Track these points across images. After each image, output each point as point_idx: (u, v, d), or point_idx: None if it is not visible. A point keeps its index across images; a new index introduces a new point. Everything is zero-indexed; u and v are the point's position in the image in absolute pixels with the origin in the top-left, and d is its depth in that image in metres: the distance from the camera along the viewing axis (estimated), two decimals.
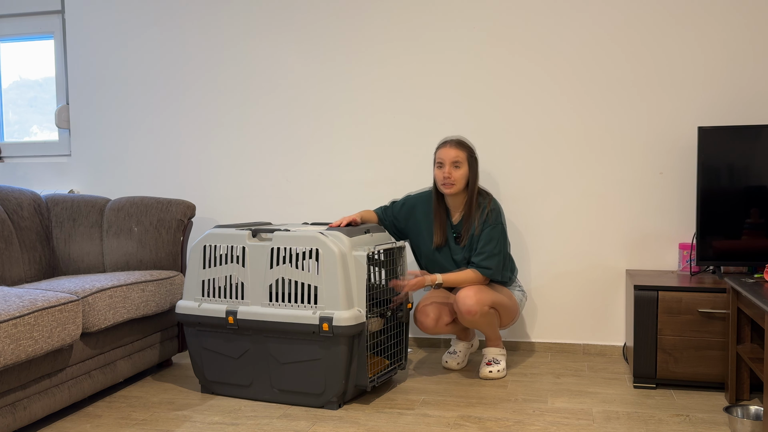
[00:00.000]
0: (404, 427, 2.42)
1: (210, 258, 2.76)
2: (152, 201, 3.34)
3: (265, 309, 2.64)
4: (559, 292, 3.41)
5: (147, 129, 3.86)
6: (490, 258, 2.90)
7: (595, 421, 2.45)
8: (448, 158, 2.92)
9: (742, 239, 2.95)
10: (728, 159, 2.95)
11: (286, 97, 3.67)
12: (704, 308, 2.75)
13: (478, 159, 3.03)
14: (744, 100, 3.18)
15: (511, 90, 3.41)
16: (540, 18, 3.35)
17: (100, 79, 3.91)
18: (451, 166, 2.92)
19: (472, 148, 2.99)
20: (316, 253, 2.58)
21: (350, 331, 2.53)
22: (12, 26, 4.06)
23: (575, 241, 3.37)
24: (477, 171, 2.98)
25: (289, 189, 3.69)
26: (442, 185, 2.94)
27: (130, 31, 3.85)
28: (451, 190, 2.93)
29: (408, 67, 3.51)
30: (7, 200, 3.15)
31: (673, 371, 2.79)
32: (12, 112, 4.19)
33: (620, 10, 3.27)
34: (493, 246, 2.91)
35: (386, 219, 3.13)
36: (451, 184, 2.92)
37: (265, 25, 3.67)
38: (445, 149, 2.95)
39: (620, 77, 3.29)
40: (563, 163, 3.37)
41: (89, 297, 2.57)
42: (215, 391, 2.81)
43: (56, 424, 2.49)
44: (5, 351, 2.11)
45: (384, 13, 3.52)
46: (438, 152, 2.97)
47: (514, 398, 2.72)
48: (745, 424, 2.28)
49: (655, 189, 3.28)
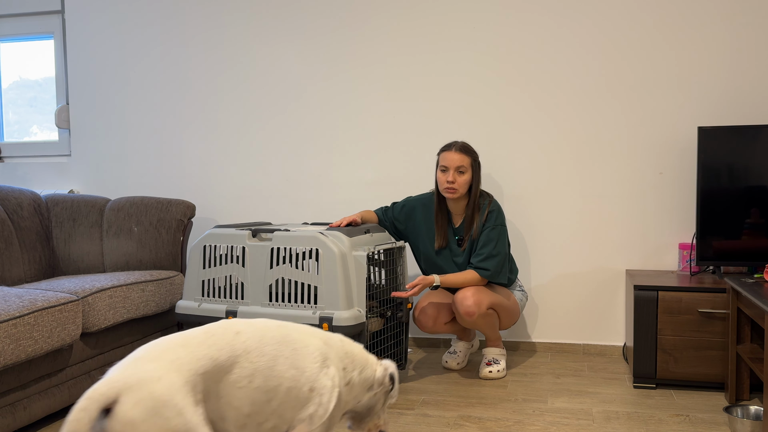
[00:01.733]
0: (404, 427, 2.42)
1: (210, 258, 2.76)
2: (152, 201, 3.34)
3: (265, 309, 2.64)
4: (559, 292, 3.41)
5: (147, 129, 3.86)
6: (488, 259, 2.89)
7: (595, 421, 2.45)
8: (452, 164, 2.90)
9: (742, 239, 2.95)
10: (728, 159, 2.95)
11: (286, 97, 3.67)
12: (704, 308, 2.75)
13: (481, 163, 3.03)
14: (744, 100, 3.18)
15: (512, 90, 3.41)
16: (541, 19, 3.35)
17: (100, 79, 3.91)
18: (456, 171, 2.90)
19: (476, 153, 2.98)
20: (316, 253, 2.58)
21: (350, 331, 2.53)
22: (12, 26, 4.06)
23: (575, 241, 3.37)
24: (480, 176, 2.97)
25: (289, 189, 3.69)
26: (445, 190, 2.92)
27: (130, 31, 3.85)
28: (453, 196, 2.92)
29: (409, 67, 3.51)
30: (7, 200, 3.15)
31: (673, 371, 2.79)
32: (12, 112, 4.19)
33: (620, 11, 3.27)
34: (491, 247, 2.90)
35: (386, 220, 3.12)
36: (454, 190, 2.90)
37: (265, 24, 3.67)
38: (449, 154, 2.91)
39: (620, 77, 3.29)
40: (563, 163, 3.37)
41: (89, 297, 2.57)
42: None
43: (56, 425, 2.49)
44: (5, 351, 2.11)
45: (385, 14, 3.52)
46: (441, 156, 2.95)
47: (514, 398, 2.72)
48: (745, 424, 2.28)
49: (655, 189, 3.28)
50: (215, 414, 1.39)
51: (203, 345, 1.37)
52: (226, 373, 1.38)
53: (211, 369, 1.35)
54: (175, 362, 1.29)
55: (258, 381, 1.42)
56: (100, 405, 1.17)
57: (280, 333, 1.50)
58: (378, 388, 1.73)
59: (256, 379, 1.42)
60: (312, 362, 1.50)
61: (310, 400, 1.48)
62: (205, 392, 1.34)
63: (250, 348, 1.43)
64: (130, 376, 1.22)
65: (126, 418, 1.17)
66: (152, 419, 1.17)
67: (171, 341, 1.36)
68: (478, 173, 2.96)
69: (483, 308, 2.83)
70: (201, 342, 1.38)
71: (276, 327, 1.52)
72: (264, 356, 1.44)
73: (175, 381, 1.24)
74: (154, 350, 1.32)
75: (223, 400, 1.38)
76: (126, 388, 1.20)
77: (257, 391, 1.42)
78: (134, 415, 1.17)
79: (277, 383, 1.45)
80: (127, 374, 1.22)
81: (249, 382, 1.41)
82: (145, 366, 1.25)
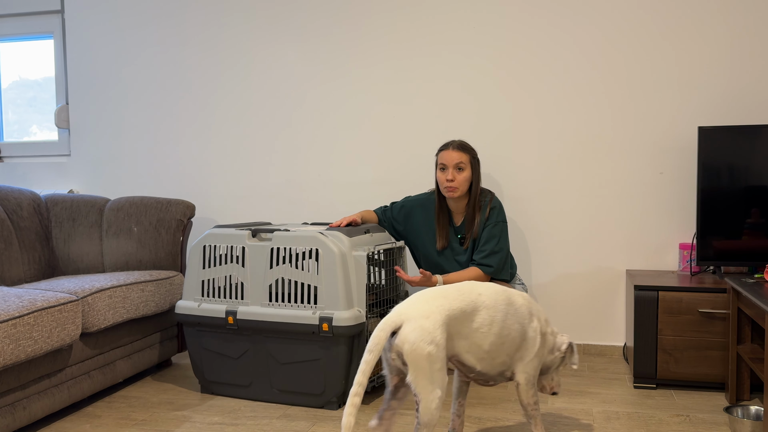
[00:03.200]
0: (404, 427, 2.41)
1: (210, 258, 2.76)
2: (152, 201, 3.34)
3: (265, 309, 2.64)
4: (559, 292, 3.41)
5: (146, 129, 3.86)
6: (491, 256, 2.89)
7: (595, 422, 2.45)
8: (450, 161, 2.89)
9: (742, 239, 2.95)
10: (728, 159, 2.95)
11: (285, 97, 3.67)
12: (704, 308, 2.75)
13: (480, 161, 3.02)
14: (744, 100, 3.18)
15: (513, 90, 3.40)
16: (541, 18, 3.35)
17: (99, 79, 3.90)
18: (454, 169, 2.89)
19: (474, 150, 2.98)
20: (315, 253, 2.58)
21: (350, 331, 2.52)
22: (12, 26, 4.06)
23: (575, 241, 3.37)
24: (479, 173, 2.97)
25: (289, 189, 3.69)
26: (445, 188, 2.91)
27: (130, 31, 3.85)
28: (454, 194, 2.91)
29: (409, 67, 3.51)
30: (6, 200, 3.15)
31: (673, 371, 2.79)
32: (12, 112, 4.19)
33: (621, 11, 3.27)
34: (494, 244, 2.90)
35: (385, 220, 3.12)
36: (454, 188, 2.89)
37: (265, 25, 3.67)
38: (447, 152, 2.91)
39: (620, 77, 3.29)
40: (564, 163, 3.37)
41: (89, 297, 2.57)
42: (215, 391, 2.81)
43: (56, 425, 2.49)
44: (5, 351, 2.11)
45: (385, 13, 3.52)
46: (440, 155, 2.95)
47: (514, 398, 2.72)
48: (745, 424, 2.27)
49: (655, 189, 3.28)
50: (462, 348, 1.93)
51: (456, 299, 1.92)
52: (471, 321, 1.94)
53: (460, 316, 1.90)
54: (439, 307, 1.86)
55: (495, 329, 1.97)
56: (391, 328, 1.82)
57: (506, 296, 2.04)
58: (556, 353, 2.17)
59: (493, 327, 1.97)
60: (526, 317, 2.06)
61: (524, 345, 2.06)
62: (455, 332, 1.90)
63: (488, 305, 1.98)
64: (410, 312, 1.84)
65: (404, 338, 1.80)
66: (419, 342, 1.79)
67: (435, 292, 1.92)
68: (478, 170, 2.96)
69: None
70: (455, 297, 1.93)
71: (502, 291, 2.04)
72: (498, 312, 1.99)
73: (437, 320, 1.83)
74: (426, 296, 1.90)
75: (469, 339, 1.94)
76: (407, 319, 1.83)
77: (494, 336, 1.97)
78: (409, 337, 1.80)
79: (507, 332, 2.00)
80: (408, 310, 1.84)
81: (488, 329, 1.96)
82: (421, 306, 1.86)
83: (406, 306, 1.87)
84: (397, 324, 1.82)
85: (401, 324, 1.83)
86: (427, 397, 1.80)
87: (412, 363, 1.79)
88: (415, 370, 1.79)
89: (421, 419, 1.81)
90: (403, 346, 1.80)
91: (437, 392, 1.81)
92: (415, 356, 1.79)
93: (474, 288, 1.99)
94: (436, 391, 1.80)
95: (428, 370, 1.80)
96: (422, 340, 1.79)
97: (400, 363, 1.84)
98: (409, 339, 1.79)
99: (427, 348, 1.80)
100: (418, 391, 1.80)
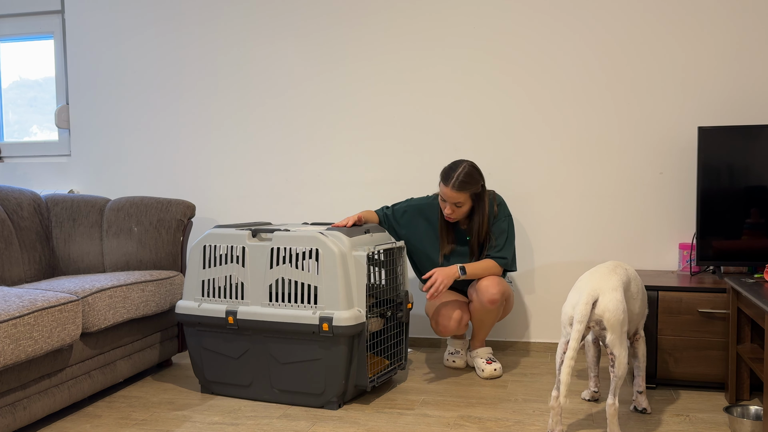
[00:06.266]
0: (404, 427, 2.42)
1: (210, 258, 2.76)
2: (152, 201, 3.34)
3: (265, 309, 2.64)
4: (559, 292, 3.41)
5: (147, 129, 3.86)
6: (505, 248, 2.97)
7: (595, 421, 2.45)
8: (449, 199, 2.90)
9: (742, 239, 2.95)
10: (728, 159, 2.95)
11: (285, 97, 3.67)
12: (704, 308, 2.75)
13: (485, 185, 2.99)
14: (744, 100, 3.18)
15: (513, 89, 3.41)
16: (541, 17, 3.35)
17: (99, 79, 3.91)
18: (453, 205, 2.92)
19: (477, 182, 2.89)
20: (316, 253, 2.58)
21: (350, 331, 2.52)
22: (12, 26, 4.06)
23: (575, 240, 3.37)
24: (485, 199, 2.96)
25: (289, 189, 3.69)
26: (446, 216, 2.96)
27: (130, 31, 3.85)
28: (454, 220, 2.98)
29: (408, 67, 3.51)
30: (6, 200, 3.15)
31: (673, 371, 2.79)
32: (12, 112, 4.19)
33: (621, 10, 3.27)
34: (505, 237, 2.97)
35: (386, 222, 3.13)
36: (453, 219, 2.97)
37: (264, 24, 3.67)
38: (446, 190, 2.88)
39: (620, 77, 3.29)
40: (563, 162, 3.37)
41: (89, 297, 2.57)
42: (215, 391, 2.81)
43: (56, 424, 2.49)
44: (5, 351, 2.11)
45: (384, 12, 3.52)
46: (440, 186, 2.92)
47: (514, 398, 2.72)
48: (745, 424, 2.27)
49: (655, 189, 3.28)
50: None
51: (621, 274, 2.30)
52: (628, 290, 2.34)
53: (624, 286, 2.28)
54: (618, 281, 2.24)
55: (639, 296, 2.43)
56: (592, 299, 2.18)
57: (634, 272, 2.44)
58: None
59: (638, 295, 2.42)
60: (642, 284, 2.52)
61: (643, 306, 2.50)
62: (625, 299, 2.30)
63: (634, 276, 2.42)
64: (602, 285, 2.21)
65: (604, 307, 2.18)
66: (615, 310, 2.17)
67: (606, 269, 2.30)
68: (482, 199, 2.95)
69: (503, 297, 2.93)
70: (619, 272, 2.30)
71: (632, 269, 2.45)
72: (639, 284, 2.44)
73: (622, 291, 2.22)
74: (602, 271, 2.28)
75: (628, 303, 2.33)
76: (603, 291, 2.20)
77: (639, 302, 2.43)
78: (609, 306, 2.18)
79: (641, 299, 2.45)
80: (599, 284, 2.21)
81: (636, 296, 2.40)
82: (607, 279, 2.23)
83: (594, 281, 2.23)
84: (596, 296, 2.19)
85: (598, 296, 2.19)
86: (621, 353, 2.19)
87: (611, 328, 2.17)
88: (613, 333, 2.18)
89: (617, 373, 2.19)
90: (604, 314, 2.17)
91: (626, 350, 2.20)
92: (614, 322, 2.17)
93: (618, 263, 2.39)
94: (625, 349, 2.20)
95: (621, 332, 2.18)
96: (618, 309, 2.17)
97: (599, 329, 2.21)
98: (609, 308, 2.17)
99: (622, 315, 2.18)
100: (615, 351, 2.18)
